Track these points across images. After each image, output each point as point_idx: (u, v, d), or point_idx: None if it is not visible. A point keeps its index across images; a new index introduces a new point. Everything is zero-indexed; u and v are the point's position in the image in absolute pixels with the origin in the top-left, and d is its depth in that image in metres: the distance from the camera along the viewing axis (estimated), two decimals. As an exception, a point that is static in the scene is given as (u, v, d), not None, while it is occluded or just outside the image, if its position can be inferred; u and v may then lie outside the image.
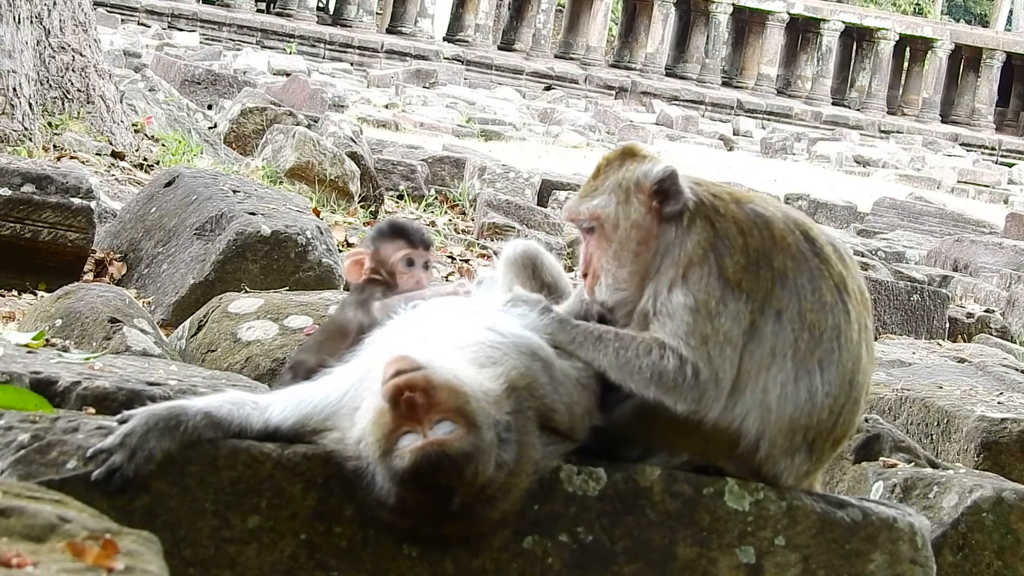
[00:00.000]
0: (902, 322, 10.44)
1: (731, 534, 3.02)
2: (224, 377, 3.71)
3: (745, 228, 3.02)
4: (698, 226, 3.03)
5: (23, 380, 3.27)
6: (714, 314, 2.95)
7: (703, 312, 2.95)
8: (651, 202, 3.07)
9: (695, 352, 2.94)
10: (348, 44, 41.77)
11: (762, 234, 3.02)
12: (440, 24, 47.80)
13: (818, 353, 2.99)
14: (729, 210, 3.05)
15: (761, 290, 2.98)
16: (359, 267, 3.60)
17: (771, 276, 2.99)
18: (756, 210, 3.06)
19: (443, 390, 2.73)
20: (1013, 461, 4.71)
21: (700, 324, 2.94)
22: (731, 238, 3.00)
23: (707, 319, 2.95)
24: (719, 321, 2.95)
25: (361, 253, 3.62)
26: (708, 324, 2.95)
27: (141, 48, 27.59)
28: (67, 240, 6.28)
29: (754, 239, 3.01)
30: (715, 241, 3.00)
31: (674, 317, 2.96)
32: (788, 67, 48.32)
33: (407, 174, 13.16)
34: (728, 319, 2.95)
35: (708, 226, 3.02)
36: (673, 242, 3.03)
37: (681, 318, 2.96)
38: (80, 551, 2.09)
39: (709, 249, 2.99)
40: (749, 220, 3.04)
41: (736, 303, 2.96)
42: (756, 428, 2.98)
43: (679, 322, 2.95)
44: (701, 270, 2.98)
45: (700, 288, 2.96)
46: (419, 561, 2.90)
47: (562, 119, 30.29)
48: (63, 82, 9.75)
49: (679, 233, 3.03)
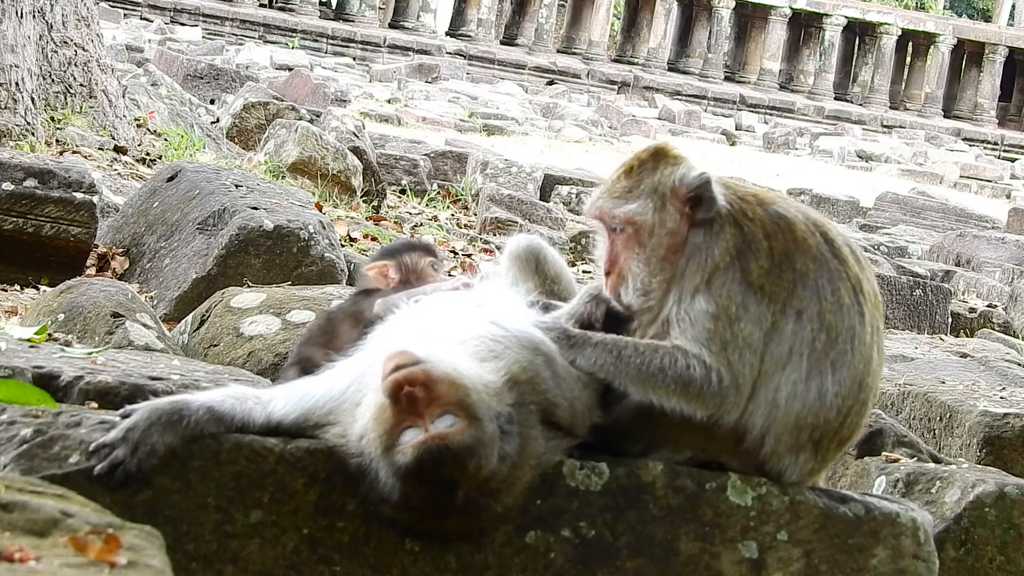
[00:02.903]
0: (904, 317, 10.43)
1: (733, 529, 3.02)
2: (227, 372, 3.71)
3: (770, 231, 3.02)
4: (727, 232, 3.02)
5: (26, 375, 3.27)
6: (735, 319, 2.95)
7: (723, 318, 2.95)
8: (684, 208, 3.06)
9: (716, 358, 2.93)
10: (350, 39, 41.75)
11: (785, 237, 3.02)
12: (443, 19, 47.81)
13: (832, 354, 2.99)
14: (756, 214, 3.05)
15: (783, 291, 2.99)
16: (384, 276, 3.64)
17: (793, 277, 3.00)
18: (780, 212, 3.06)
19: (443, 383, 2.73)
20: (1015, 456, 4.71)
21: (720, 330, 2.94)
22: (756, 242, 3.00)
23: (727, 324, 2.95)
24: (739, 326, 2.95)
25: (383, 264, 3.66)
26: (728, 329, 2.94)
27: (143, 43, 27.60)
28: (69, 235, 6.28)
29: (778, 242, 3.01)
30: (742, 247, 3.00)
31: (696, 324, 2.96)
32: (790, 62, 48.28)
33: (409, 169, 13.16)
34: (749, 323, 2.95)
35: (737, 231, 3.02)
36: (700, 247, 3.02)
37: (702, 324, 2.95)
38: (82, 546, 2.09)
39: (736, 255, 2.99)
40: (773, 223, 3.04)
41: (758, 306, 2.97)
42: (762, 424, 2.98)
43: (700, 328, 2.95)
44: (725, 275, 2.98)
45: (722, 294, 2.96)
46: (421, 556, 2.90)
47: (564, 114, 30.28)
48: (65, 77, 9.74)
49: (707, 239, 3.02)
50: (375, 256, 3.80)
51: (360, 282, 3.78)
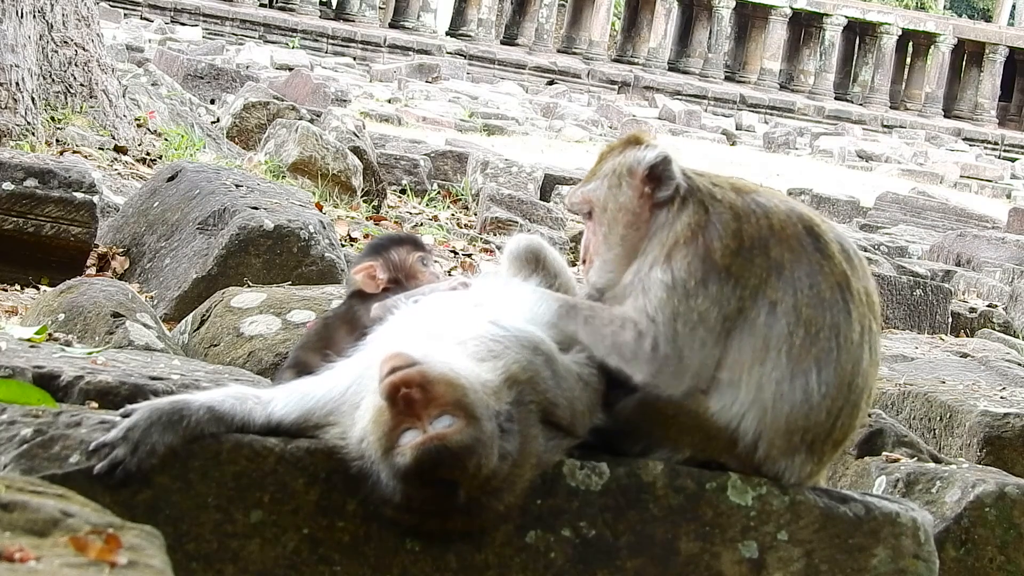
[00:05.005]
0: (905, 317, 10.44)
1: (734, 529, 3.02)
2: (227, 372, 3.71)
3: (742, 214, 2.99)
4: (690, 209, 3.01)
5: (26, 374, 3.27)
6: (691, 294, 2.92)
7: (679, 290, 2.93)
8: (643, 187, 3.06)
9: (658, 327, 2.92)
10: (351, 39, 41.74)
11: (760, 223, 2.99)
12: (443, 19, 47.81)
13: (815, 352, 2.94)
14: (727, 197, 3.03)
15: (754, 277, 2.95)
16: (373, 278, 3.53)
17: (766, 265, 2.95)
18: (757, 200, 3.04)
19: (440, 384, 2.73)
20: (1016, 456, 4.71)
21: (673, 301, 2.92)
22: (724, 222, 2.98)
23: (683, 298, 2.92)
24: (695, 301, 2.92)
25: (369, 265, 3.55)
26: (683, 303, 2.92)
27: (144, 43, 27.60)
28: (70, 235, 6.28)
29: (750, 226, 2.98)
30: (706, 224, 2.98)
31: (648, 292, 2.95)
32: (791, 62, 48.27)
33: (410, 168, 13.16)
34: (707, 301, 2.92)
35: (701, 209, 3.01)
36: (662, 225, 3.02)
37: (655, 294, 2.94)
38: (83, 546, 2.09)
39: (698, 231, 2.97)
40: (747, 208, 3.01)
41: (721, 286, 2.93)
42: (754, 428, 2.97)
43: (651, 297, 2.94)
44: (686, 249, 2.96)
45: (682, 267, 2.94)
46: (422, 556, 2.90)
47: (565, 114, 30.28)
48: (66, 76, 9.74)
49: (669, 217, 3.02)
50: (361, 255, 3.69)
51: (349, 285, 3.67)
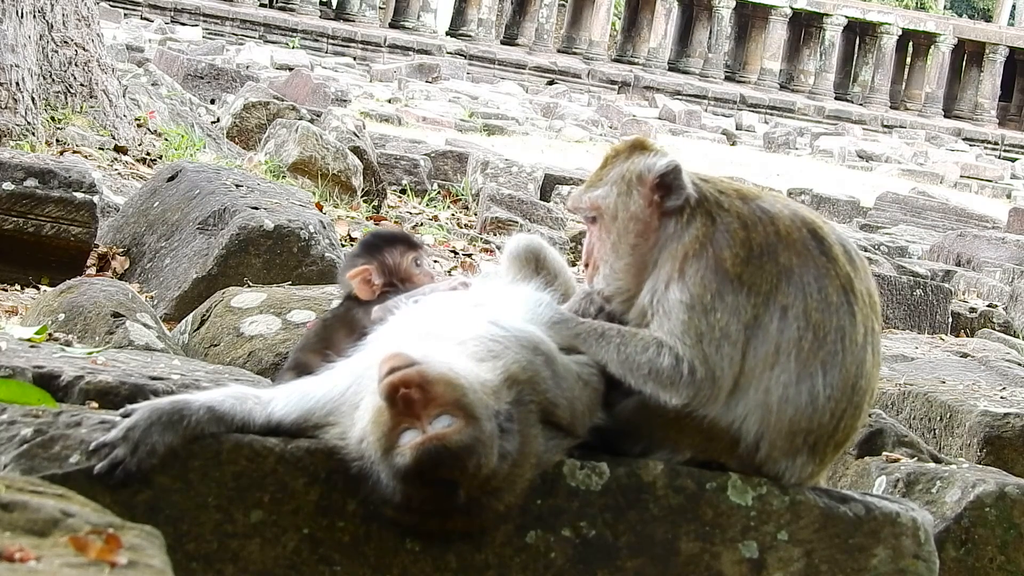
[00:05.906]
0: (905, 317, 10.43)
1: (734, 529, 3.02)
2: (227, 372, 3.71)
3: (749, 223, 3.00)
4: (698, 220, 3.01)
5: (26, 374, 3.27)
6: (709, 309, 2.93)
7: (698, 308, 2.93)
8: (652, 196, 3.05)
9: (691, 350, 2.92)
10: (351, 39, 41.75)
11: (767, 229, 3.00)
12: (443, 19, 47.82)
13: (821, 355, 2.96)
14: (733, 205, 3.03)
15: (765, 284, 2.96)
16: (368, 283, 3.49)
17: (776, 271, 2.96)
18: (762, 206, 3.04)
19: (439, 384, 2.73)
20: (1016, 456, 4.71)
21: (695, 321, 2.92)
22: (732, 232, 2.98)
23: (702, 315, 2.93)
24: (715, 316, 2.93)
25: (364, 269, 3.50)
26: (703, 320, 2.92)
27: (144, 43, 27.61)
28: (70, 235, 6.28)
29: (758, 234, 2.99)
30: (714, 234, 2.98)
31: (671, 315, 2.95)
32: (791, 62, 48.29)
33: (410, 168, 13.16)
34: (725, 313, 2.93)
35: (708, 220, 3.01)
36: (672, 236, 3.02)
37: (677, 316, 2.94)
38: (83, 545, 2.08)
39: (707, 242, 2.97)
40: (753, 215, 3.01)
41: (735, 296, 2.94)
42: (756, 430, 2.97)
43: (675, 320, 2.94)
44: (698, 263, 2.96)
45: (696, 282, 2.94)
46: (422, 556, 2.90)
47: (565, 114, 30.28)
48: (66, 76, 9.74)
49: (678, 228, 3.02)
50: (353, 255, 3.61)
51: (343, 286, 3.61)
